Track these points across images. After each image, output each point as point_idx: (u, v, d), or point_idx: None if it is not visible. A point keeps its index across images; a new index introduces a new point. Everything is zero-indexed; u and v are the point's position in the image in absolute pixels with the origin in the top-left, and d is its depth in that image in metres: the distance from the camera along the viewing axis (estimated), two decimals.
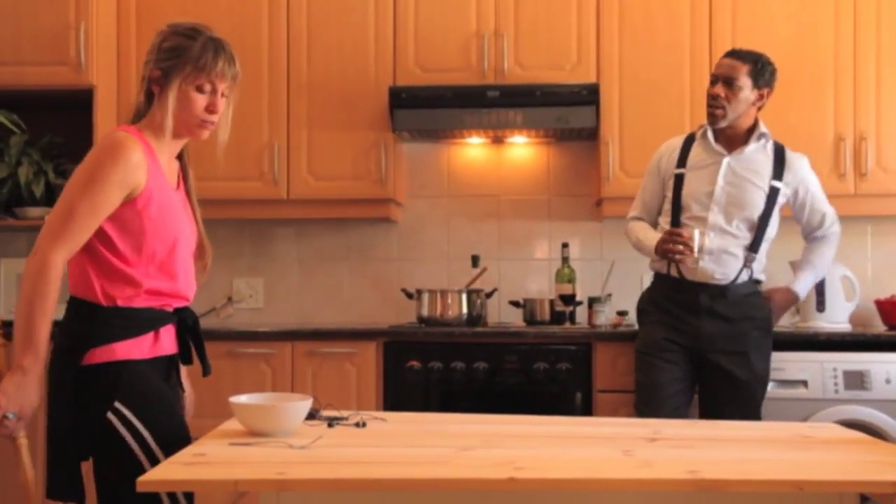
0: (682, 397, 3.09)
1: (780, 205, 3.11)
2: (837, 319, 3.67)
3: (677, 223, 3.10)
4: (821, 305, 3.66)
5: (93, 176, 1.99)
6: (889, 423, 3.23)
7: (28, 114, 3.74)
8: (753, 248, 3.07)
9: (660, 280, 3.18)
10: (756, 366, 3.05)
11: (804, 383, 3.29)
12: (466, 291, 3.82)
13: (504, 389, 3.51)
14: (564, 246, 3.96)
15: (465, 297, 3.80)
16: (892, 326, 3.66)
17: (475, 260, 3.99)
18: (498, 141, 4.12)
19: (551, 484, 1.65)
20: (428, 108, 3.78)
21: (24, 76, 3.68)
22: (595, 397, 3.48)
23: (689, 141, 3.18)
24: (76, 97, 3.70)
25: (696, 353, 3.08)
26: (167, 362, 2.16)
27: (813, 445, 1.98)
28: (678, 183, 3.12)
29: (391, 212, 3.96)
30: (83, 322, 2.04)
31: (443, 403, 3.51)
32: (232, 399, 2.01)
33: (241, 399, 2.03)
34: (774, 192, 3.06)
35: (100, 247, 2.03)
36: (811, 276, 3.23)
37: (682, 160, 3.14)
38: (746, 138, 3.10)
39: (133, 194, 2.02)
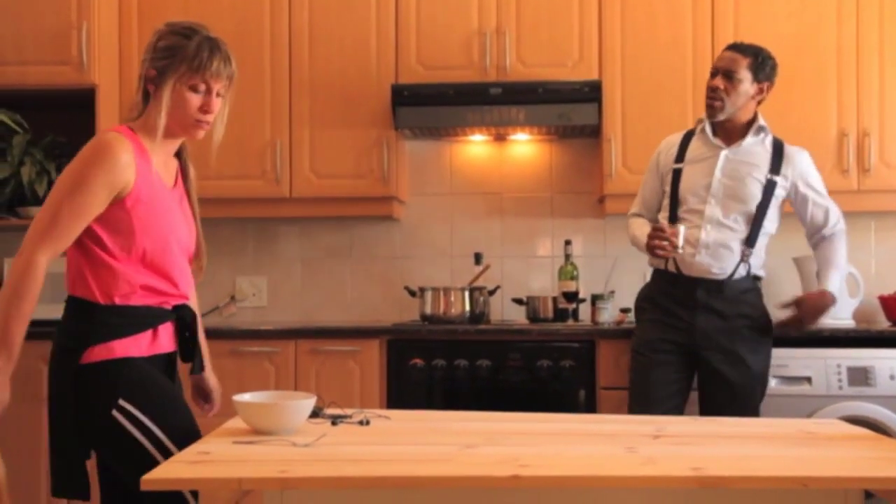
0: (676, 399, 3.05)
1: (780, 199, 3.09)
2: (841, 316, 3.66)
3: (675, 217, 3.09)
4: None
5: (79, 178, 2.00)
6: (893, 420, 3.22)
7: (30, 113, 3.75)
8: (750, 243, 3.04)
9: (658, 276, 3.17)
10: (752, 366, 3.02)
11: (808, 380, 3.29)
12: (469, 289, 3.81)
13: (507, 387, 3.51)
14: (567, 243, 3.96)
15: (468, 295, 3.79)
16: None
17: (478, 257, 3.99)
18: (500, 138, 4.12)
19: (555, 481, 1.65)
20: (430, 106, 3.78)
21: (27, 76, 3.69)
22: (598, 394, 3.47)
23: (688, 136, 3.18)
24: (78, 97, 3.70)
25: (692, 352, 3.05)
26: (166, 360, 2.16)
27: (817, 442, 1.97)
28: (676, 177, 3.12)
29: (394, 210, 3.96)
30: (81, 321, 2.04)
31: (446, 401, 3.51)
32: (235, 397, 2.02)
33: (245, 397, 2.04)
34: (772, 186, 3.05)
35: (92, 245, 2.04)
36: (836, 274, 3.07)
37: (681, 155, 3.14)
38: (745, 132, 3.09)
39: (122, 194, 2.02)
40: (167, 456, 1.96)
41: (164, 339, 2.14)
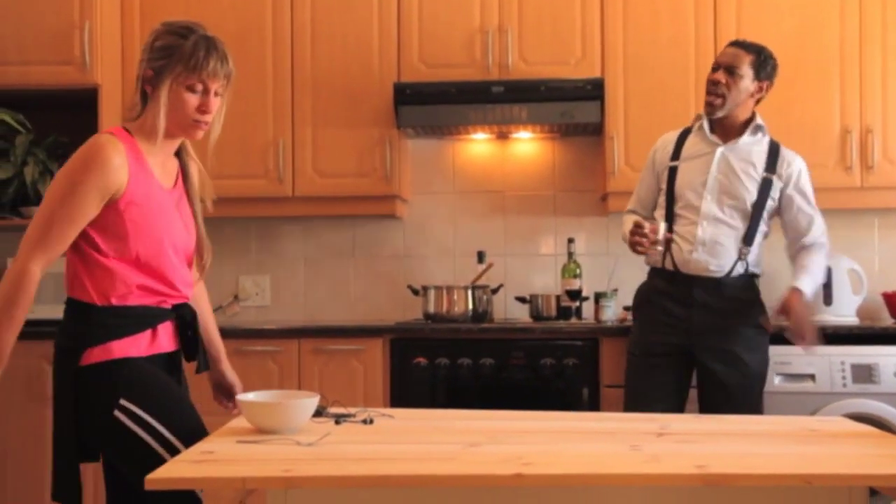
0: (671, 401, 3.02)
1: (775, 200, 3.07)
2: (845, 313, 3.66)
3: (671, 214, 3.09)
4: (828, 299, 3.66)
5: (71, 184, 1.99)
6: None
7: (33, 113, 3.75)
8: (747, 241, 3.02)
9: (654, 274, 3.16)
10: (750, 365, 2.99)
11: (812, 377, 3.28)
12: (472, 287, 3.81)
13: (511, 385, 3.51)
14: (570, 241, 3.96)
15: (471, 294, 3.79)
16: None
17: (481, 256, 3.99)
18: (503, 136, 4.12)
19: (558, 480, 1.65)
20: (432, 104, 3.78)
21: (29, 76, 3.69)
22: (602, 392, 3.47)
23: (685, 134, 3.17)
24: (81, 96, 3.70)
25: (688, 353, 3.03)
26: (166, 360, 2.15)
27: (821, 439, 1.97)
28: (672, 174, 3.11)
29: (397, 208, 3.96)
30: (79, 322, 2.04)
31: (449, 400, 3.51)
32: (239, 397, 2.02)
33: (249, 397, 2.04)
34: (768, 184, 3.03)
35: (87, 248, 2.03)
36: (809, 279, 2.96)
37: (677, 153, 3.13)
38: (742, 130, 3.08)
39: (115, 197, 2.01)
40: (174, 453, 1.96)
41: (164, 339, 2.13)
